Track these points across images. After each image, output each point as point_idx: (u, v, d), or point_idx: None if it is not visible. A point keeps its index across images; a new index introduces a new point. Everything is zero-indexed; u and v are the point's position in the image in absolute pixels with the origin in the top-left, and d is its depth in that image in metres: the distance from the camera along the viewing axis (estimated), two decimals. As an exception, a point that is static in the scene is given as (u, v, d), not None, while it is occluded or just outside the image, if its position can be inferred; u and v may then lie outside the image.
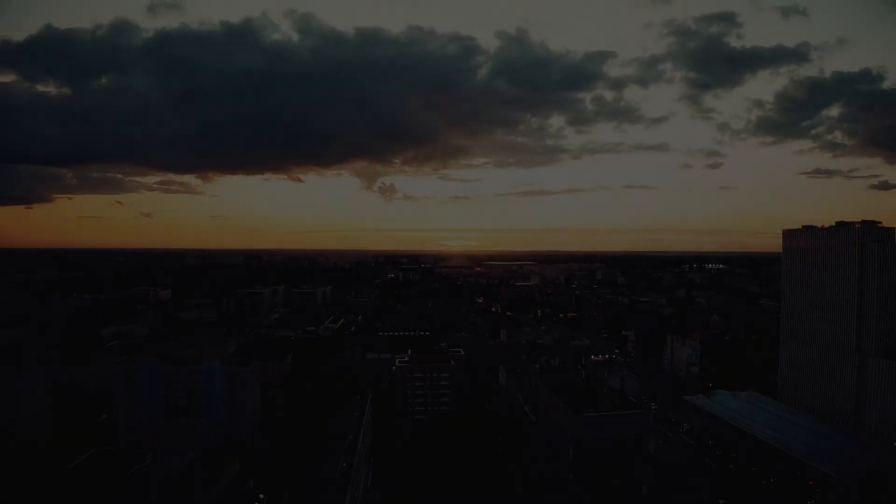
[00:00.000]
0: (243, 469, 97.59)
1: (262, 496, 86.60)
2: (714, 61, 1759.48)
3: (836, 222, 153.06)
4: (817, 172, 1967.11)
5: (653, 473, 77.73)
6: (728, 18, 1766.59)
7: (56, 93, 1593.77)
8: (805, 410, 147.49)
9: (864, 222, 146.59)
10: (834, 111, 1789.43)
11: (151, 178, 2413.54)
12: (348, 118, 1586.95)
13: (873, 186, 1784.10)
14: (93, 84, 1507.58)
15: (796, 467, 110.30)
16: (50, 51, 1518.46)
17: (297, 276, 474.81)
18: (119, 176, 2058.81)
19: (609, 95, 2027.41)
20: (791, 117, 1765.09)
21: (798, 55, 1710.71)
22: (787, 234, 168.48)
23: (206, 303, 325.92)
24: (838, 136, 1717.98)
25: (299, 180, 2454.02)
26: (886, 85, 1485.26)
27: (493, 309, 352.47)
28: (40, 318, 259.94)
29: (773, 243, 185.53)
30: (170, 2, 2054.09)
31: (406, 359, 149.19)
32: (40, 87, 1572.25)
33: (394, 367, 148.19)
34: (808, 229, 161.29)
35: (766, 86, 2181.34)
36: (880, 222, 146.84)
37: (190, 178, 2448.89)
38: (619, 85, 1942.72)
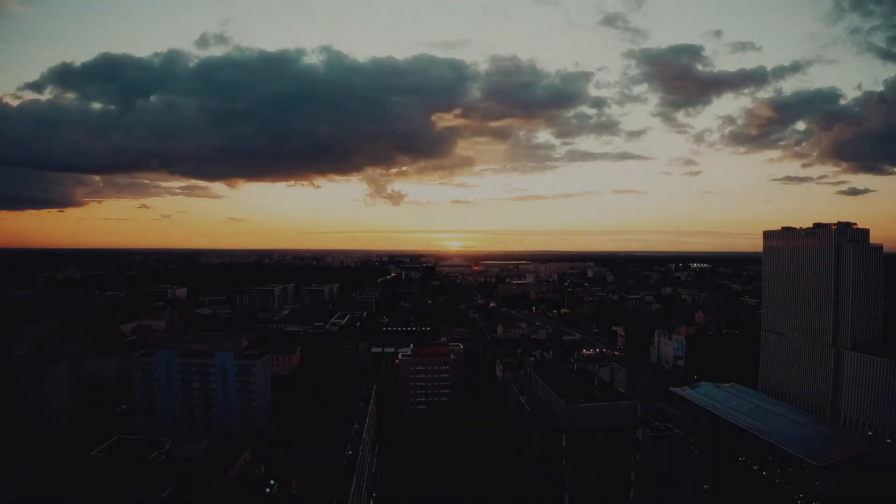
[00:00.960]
0: (255, 456, 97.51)
1: (272, 482, 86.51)
2: (684, 85, 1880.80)
3: (814, 224, 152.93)
4: (788, 179, 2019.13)
5: (640, 460, 77.61)
6: (694, 51, 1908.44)
7: (103, 110, 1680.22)
8: (784, 400, 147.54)
9: (839, 224, 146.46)
10: (800, 125, 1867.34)
11: (175, 183, 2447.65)
12: (366, 134, 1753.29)
13: (842, 192, 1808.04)
14: (139, 104, 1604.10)
15: (776, 454, 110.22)
16: (106, 74, 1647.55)
17: (305, 274, 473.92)
18: (145, 181, 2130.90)
19: (591, 112, 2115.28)
20: (760, 131, 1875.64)
21: (757, 78, 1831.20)
22: (768, 235, 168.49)
23: (220, 300, 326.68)
24: (805, 147, 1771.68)
25: (318, 187, 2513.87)
26: (843, 103, 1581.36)
27: (490, 305, 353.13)
28: (64, 315, 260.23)
29: (754, 244, 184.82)
30: (218, 35, 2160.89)
31: (408, 352, 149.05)
32: (94, 106, 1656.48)
33: (397, 361, 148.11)
34: (788, 230, 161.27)
35: (731, 104, 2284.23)
36: (855, 224, 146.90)
37: (219, 185, 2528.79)
38: (599, 103, 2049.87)
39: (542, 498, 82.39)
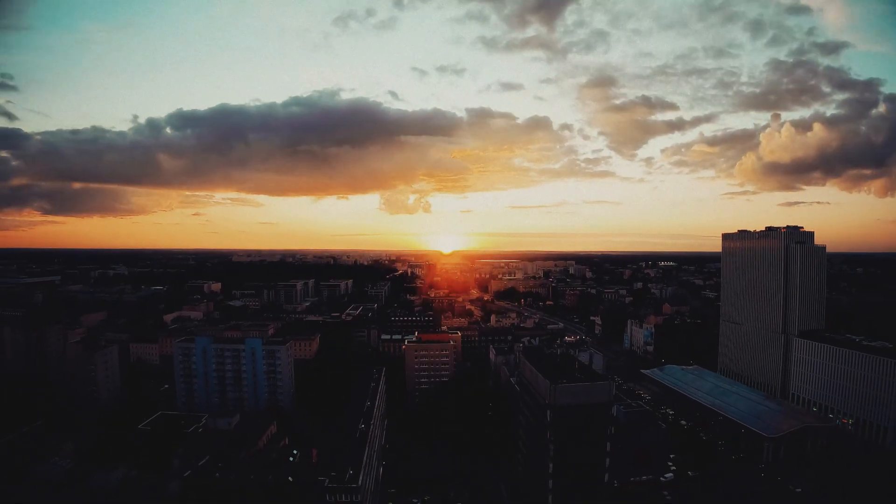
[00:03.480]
0: (280, 429, 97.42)
1: (295, 451, 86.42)
2: (629, 130, 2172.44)
3: (766, 227, 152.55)
4: (730, 194, 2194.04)
5: (615, 432, 77.39)
6: (631, 107, 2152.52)
7: (197, 144, 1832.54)
8: (740, 381, 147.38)
9: (788, 227, 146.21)
10: (728, 155, 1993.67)
11: (228, 195, 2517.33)
12: (391, 162, 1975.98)
13: (780, 204, 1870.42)
14: (233, 142, 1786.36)
15: (733, 427, 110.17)
16: (217, 119, 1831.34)
17: (324, 271, 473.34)
18: (200, 194, 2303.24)
19: (555, 146, 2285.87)
20: (698, 158, 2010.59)
21: (679, 126, 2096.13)
22: (726, 237, 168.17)
23: (249, 293, 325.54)
24: (735, 172, 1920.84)
25: (347, 199, 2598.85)
26: (752, 142, 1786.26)
27: (484, 298, 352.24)
28: (114, 307, 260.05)
29: (713, 244, 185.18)
30: (304, 100, 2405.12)
31: (413, 339, 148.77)
32: (196, 141, 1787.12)
33: (403, 347, 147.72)
34: (743, 233, 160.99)
35: (667, 141, 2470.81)
36: (802, 227, 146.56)
37: (262, 197, 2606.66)
38: (561, 139, 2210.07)
39: (530, 466, 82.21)
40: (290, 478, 67.28)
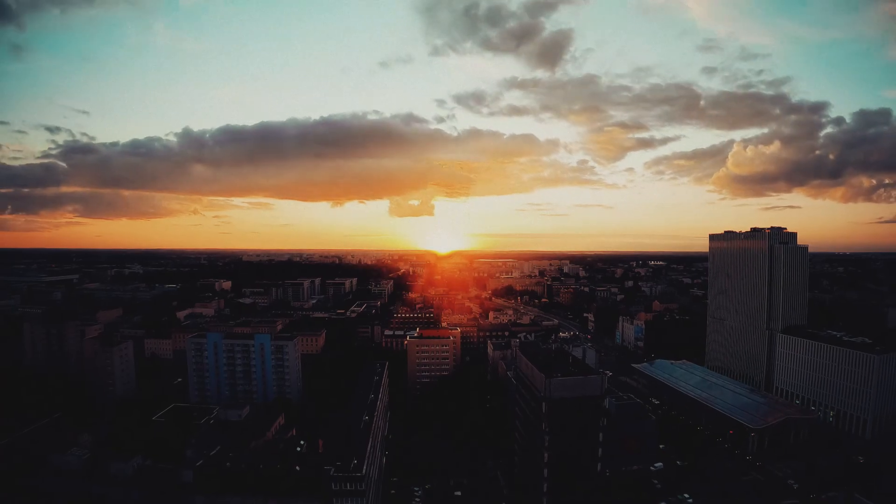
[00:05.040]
0: (288, 420, 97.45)
1: (302, 442, 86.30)
2: (610, 145, 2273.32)
3: (751, 228, 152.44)
4: (709, 201, 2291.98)
5: (607, 424, 77.35)
6: (623, 125, 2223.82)
7: (234, 156, 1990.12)
8: (727, 375, 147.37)
9: (772, 228, 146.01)
10: (705, 165, 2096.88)
11: (247, 199, 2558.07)
12: (407, 173, 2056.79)
13: (759, 208, 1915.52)
14: (265, 152, 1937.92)
15: (720, 419, 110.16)
16: (259, 134, 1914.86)
17: (329, 270, 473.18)
18: (221, 199, 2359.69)
19: (544, 158, 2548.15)
20: (677, 170, 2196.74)
21: (649, 143, 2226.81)
22: (713, 238, 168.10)
23: (259, 291, 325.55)
24: (710, 181, 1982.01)
25: (364, 203, 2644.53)
26: (719, 157, 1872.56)
27: (483, 296, 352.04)
28: (129, 304, 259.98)
29: (701, 244, 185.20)
30: (330, 118, 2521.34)
31: (415, 335, 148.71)
32: (232, 153, 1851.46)
33: (405, 342, 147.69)
34: (729, 234, 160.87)
35: (645, 157, 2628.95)
36: (785, 228, 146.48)
37: (278, 201, 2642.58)
38: (551, 151, 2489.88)
39: (526, 455, 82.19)
40: (297, 467, 67.25)
